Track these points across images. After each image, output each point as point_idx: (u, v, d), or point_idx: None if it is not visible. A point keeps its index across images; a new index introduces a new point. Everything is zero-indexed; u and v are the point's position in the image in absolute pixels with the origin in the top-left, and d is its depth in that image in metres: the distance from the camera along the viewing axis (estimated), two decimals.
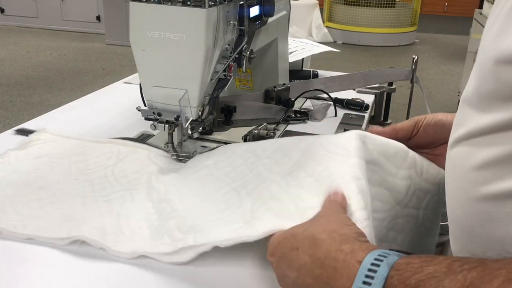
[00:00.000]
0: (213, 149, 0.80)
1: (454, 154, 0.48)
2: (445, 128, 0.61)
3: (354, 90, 1.22)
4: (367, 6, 5.69)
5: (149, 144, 0.81)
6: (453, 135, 0.50)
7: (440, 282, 0.34)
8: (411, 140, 0.65)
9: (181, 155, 0.79)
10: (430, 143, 0.64)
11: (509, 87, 0.38)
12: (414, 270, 0.36)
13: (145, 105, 0.77)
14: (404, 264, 0.37)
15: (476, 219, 0.41)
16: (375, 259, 0.39)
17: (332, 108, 1.09)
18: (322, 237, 0.44)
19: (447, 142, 0.55)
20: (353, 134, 0.58)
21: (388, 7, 5.70)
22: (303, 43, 1.41)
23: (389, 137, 0.62)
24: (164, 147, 0.80)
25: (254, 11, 0.82)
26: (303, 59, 1.31)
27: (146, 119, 0.76)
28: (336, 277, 0.40)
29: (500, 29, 0.41)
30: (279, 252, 0.47)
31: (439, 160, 0.63)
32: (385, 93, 1.24)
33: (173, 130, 0.79)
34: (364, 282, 0.37)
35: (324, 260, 0.42)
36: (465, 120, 0.46)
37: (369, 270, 0.38)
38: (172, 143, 0.80)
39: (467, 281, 0.33)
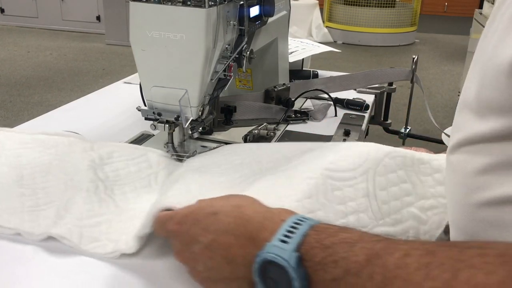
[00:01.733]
0: (213, 149, 0.80)
1: (453, 160, 0.49)
2: None
3: (355, 90, 1.22)
4: (367, 6, 5.69)
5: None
6: (453, 140, 0.50)
7: (351, 247, 0.37)
8: None
9: (181, 155, 0.79)
10: None
11: (510, 96, 0.38)
12: (330, 234, 0.40)
13: (145, 105, 0.77)
14: (323, 228, 0.41)
15: (477, 225, 0.42)
16: (298, 219, 0.42)
17: (332, 108, 1.09)
18: (248, 203, 0.47)
19: None
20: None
21: (388, 7, 5.70)
22: (303, 43, 1.41)
23: None
24: (164, 147, 0.80)
25: (254, 11, 0.82)
26: (303, 59, 1.31)
27: (146, 119, 0.76)
28: (261, 231, 0.43)
29: (501, 37, 0.41)
30: (191, 219, 0.48)
31: None
32: (385, 93, 1.24)
33: (173, 130, 0.79)
34: (285, 235, 0.40)
35: (252, 218, 0.44)
36: (465, 125, 0.46)
37: (291, 227, 0.41)
38: (172, 143, 0.80)
39: (374, 250, 0.36)
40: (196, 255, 0.47)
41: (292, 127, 1.00)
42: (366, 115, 1.08)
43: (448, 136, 1.00)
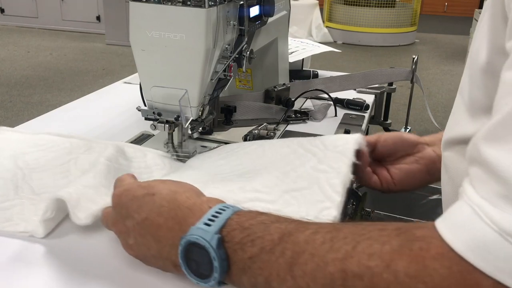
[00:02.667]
0: (212, 149, 0.80)
1: (447, 156, 0.51)
2: (404, 142, 0.67)
3: (355, 90, 1.22)
4: (367, 6, 5.69)
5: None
6: (448, 133, 0.51)
7: (267, 227, 0.41)
8: (374, 151, 0.68)
9: (181, 155, 0.79)
10: (389, 155, 0.68)
11: (490, 98, 0.39)
12: (250, 216, 0.43)
13: (145, 105, 0.77)
14: (245, 212, 0.44)
15: None
16: (224, 206, 0.45)
17: (332, 108, 1.09)
18: (184, 190, 0.50)
19: (405, 155, 0.66)
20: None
21: (388, 7, 5.70)
22: (303, 43, 1.41)
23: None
24: (164, 147, 0.80)
25: (254, 11, 0.82)
26: (303, 59, 1.31)
27: (146, 119, 0.76)
28: (188, 216, 0.46)
29: (481, 38, 0.43)
30: (130, 194, 0.50)
31: (395, 174, 0.67)
32: (385, 93, 1.24)
33: (173, 130, 0.79)
34: (209, 219, 0.43)
35: (183, 204, 0.47)
36: (460, 123, 0.48)
37: (216, 212, 0.44)
38: (172, 143, 0.80)
39: (287, 229, 0.40)
40: (129, 229, 0.49)
41: (292, 127, 1.00)
42: (366, 115, 1.08)
43: None
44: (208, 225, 0.42)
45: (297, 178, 0.61)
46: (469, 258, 0.31)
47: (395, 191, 0.67)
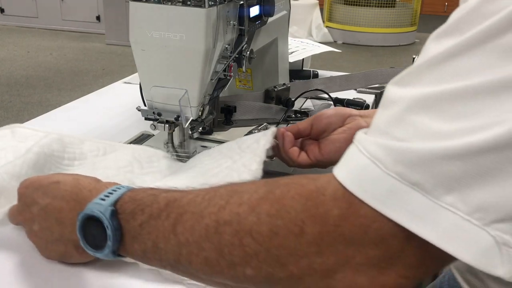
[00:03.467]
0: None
1: None
2: (338, 116, 0.69)
3: (355, 90, 1.22)
4: (367, 6, 5.69)
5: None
6: None
7: (155, 198, 0.43)
8: (312, 132, 0.71)
9: (181, 155, 0.79)
10: (324, 131, 0.70)
11: None
12: (142, 191, 0.46)
13: (145, 105, 0.77)
14: (138, 189, 0.47)
15: None
16: (121, 186, 0.48)
17: (332, 108, 1.08)
18: (87, 178, 0.53)
19: (337, 128, 0.68)
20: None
21: (388, 7, 5.70)
22: (303, 43, 1.41)
23: (296, 135, 0.71)
24: (164, 147, 0.80)
25: (254, 11, 0.82)
26: (303, 59, 1.31)
27: (146, 119, 0.76)
28: (88, 197, 0.49)
29: None
30: (36, 184, 0.54)
31: (323, 146, 0.69)
32: None
33: (173, 130, 0.79)
34: (105, 195, 0.46)
35: (85, 188, 0.51)
36: None
37: (112, 190, 0.46)
38: (172, 143, 0.80)
39: (173, 196, 0.43)
40: (34, 216, 0.53)
41: None
42: None
43: None
44: (103, 199, 0.45)
45: (211, 176, 0.64)
46: (347, 185, 0.34)
47: (324, 163, 0.68)
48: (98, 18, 5.75)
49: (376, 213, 0.32)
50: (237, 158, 0.66)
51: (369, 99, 1.16)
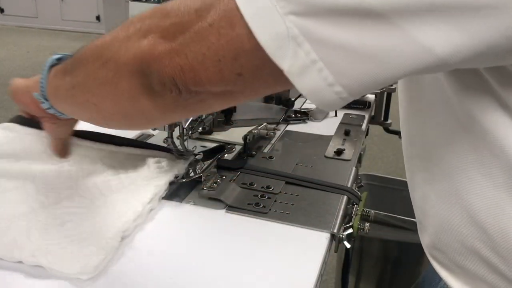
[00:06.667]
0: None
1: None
2: None
3: None
4: None
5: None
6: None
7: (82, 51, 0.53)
8: None
9: (183, 154, 0.79)
10: None
11: None
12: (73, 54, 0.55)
13: None
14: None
15: None
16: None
17: None
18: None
19: None
20: None
21: None
22: None
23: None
24: (164, 142, 0.80)
25: None
26: None
27: None
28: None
29: None
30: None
31: None
32: (385, 93, 1.24)
33: (173, 130, 0.78)
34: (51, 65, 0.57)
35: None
36: None
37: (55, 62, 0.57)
38: (172, 143, 0.80)
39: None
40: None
41: (292, 127, 1.00)
42: (366, 115, 1.08)
43: None
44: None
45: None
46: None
47: None
48: (98, 18, 5.75)
49: None
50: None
51: (369, 98, 1.16)
